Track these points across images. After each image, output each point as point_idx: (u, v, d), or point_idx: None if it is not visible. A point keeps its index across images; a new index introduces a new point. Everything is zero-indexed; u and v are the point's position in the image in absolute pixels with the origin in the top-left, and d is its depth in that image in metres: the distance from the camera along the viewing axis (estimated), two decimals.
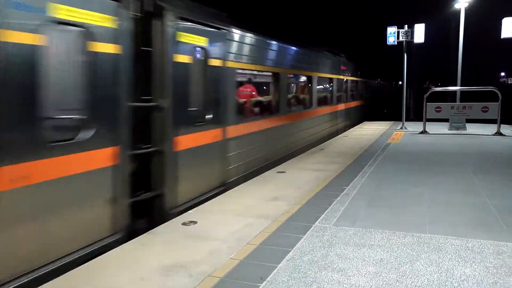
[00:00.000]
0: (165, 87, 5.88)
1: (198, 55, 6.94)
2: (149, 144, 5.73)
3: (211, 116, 7.22)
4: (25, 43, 3.81)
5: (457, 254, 4.47)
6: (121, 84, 5.02)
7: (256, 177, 8.44)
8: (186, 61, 6.46)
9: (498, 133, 14.75)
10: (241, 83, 10.02)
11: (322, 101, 15.52)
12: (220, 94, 7.58)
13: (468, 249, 4.59)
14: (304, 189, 7.37)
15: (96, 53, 4.67)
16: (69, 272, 4.17)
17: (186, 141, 6.44)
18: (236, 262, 4.36)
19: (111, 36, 4.88)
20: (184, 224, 5.55)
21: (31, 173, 3.92)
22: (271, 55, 10.29)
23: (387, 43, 17.46)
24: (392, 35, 17.24)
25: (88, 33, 4.57)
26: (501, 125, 15.01)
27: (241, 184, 7.87)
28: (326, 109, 15.77)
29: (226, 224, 5.54)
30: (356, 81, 21.70)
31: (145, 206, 5.70)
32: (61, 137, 4.37)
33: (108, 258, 4.54)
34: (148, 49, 5.68)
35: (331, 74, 16.44)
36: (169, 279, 4.01)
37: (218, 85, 7.51)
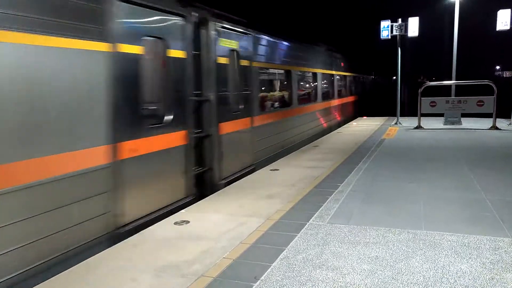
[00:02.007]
0: (211, 83, 7.40)
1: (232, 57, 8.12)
2: (200, 130, 7.19)
3: (242, 107, 8.77)
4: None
5: (453, 250, 4.42)
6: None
7: (249, 176, 8.38)
8: (225, 62, 7.95)
9: (494, 127, 14.73)
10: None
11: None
12: (248, 89, 9.07)
13: (464, 245, 4.54)
14: (298, 186, 7.31)
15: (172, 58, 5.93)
16: (58, 274, 4.11)
17: (227, 127, 7.98)
18: (229, 261, 4.30)
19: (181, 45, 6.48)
20: (176, 223, 5.48)
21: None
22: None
23: (381, 37, 17.38)
24: (386, 29, 17.15)
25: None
26: (497, 119, 14.99)
27: (234, 183, 7.80)
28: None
29: (219, 223, 5.47)
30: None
31: (201, 178, 7.21)
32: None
33: (99, 258, 4.47)
34: (197, 53, 7.03)
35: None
36: (161, 279, 3.94)
37: (247, 82, 9.05)
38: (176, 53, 6.41)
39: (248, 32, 9.08)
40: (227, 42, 8.04)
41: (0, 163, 3.76)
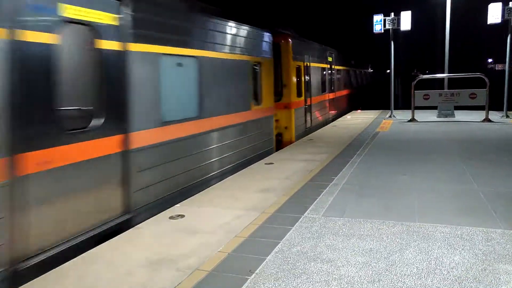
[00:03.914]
0: None
1: None
2: None
3: None
4: None
5: (446, 241, 4.46)
6: None
7: (244, 169, 8.38)
8: None
9: (487, 120, 14.82)
10: None
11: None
12: None
13: (457, 237, 4.58)
14: (292, 180, 7.32)
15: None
16: (55, 268, 4.10)
17: None
18: (224, 255, 4.31)
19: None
20: (171, 218, 5.49)
21: None
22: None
23: (374, 31, 17.40)
24: (379, 23, 17.17)
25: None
26: (489, 112, 15.08)
27: (229, 177, 7.81)
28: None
29: (214, 217, 5.48)
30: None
31: None
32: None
33: (95, 253, 4.46)
34: None
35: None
36: (156, 273, 3.95)
37: None
38: None
39: None
40: None
41: None
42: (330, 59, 17.92)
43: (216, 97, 7.95)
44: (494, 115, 15.84)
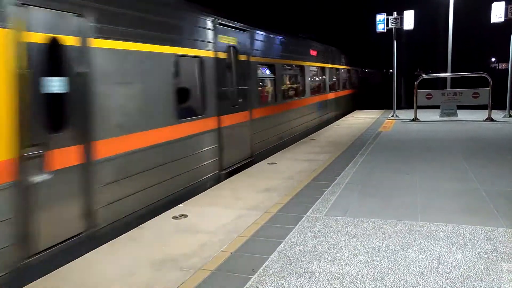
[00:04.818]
0: None
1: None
2: None
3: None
4: None
5: (448, 240, 4.47)
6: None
7: (247, 169, 8.40)
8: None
9: (489, 119, 14.78)
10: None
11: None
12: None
13: (460, 235, 4.59)
14: (295, 179, 7.34)
15: None
16: (57, 269, 4.13)
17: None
18: (227, 254, 4.33)
19: None
20: (174, 218, 5.51)
21: None
22: None
23: (377, 30, 17.40)
24: (382, 22, 17.16)
25: None
26: (492, 111, 15.05)
27: (232, 176, 7.83)
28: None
29: (217, 217, 5.50)
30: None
31: None
32: None
33: (98, 253, 4.49)
34: None
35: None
36: (159, 273, 3.97)
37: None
38: None
39: None
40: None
41: None
42: (233, 41, 8.75)
43: None
44: (497, 114, 15.80)
